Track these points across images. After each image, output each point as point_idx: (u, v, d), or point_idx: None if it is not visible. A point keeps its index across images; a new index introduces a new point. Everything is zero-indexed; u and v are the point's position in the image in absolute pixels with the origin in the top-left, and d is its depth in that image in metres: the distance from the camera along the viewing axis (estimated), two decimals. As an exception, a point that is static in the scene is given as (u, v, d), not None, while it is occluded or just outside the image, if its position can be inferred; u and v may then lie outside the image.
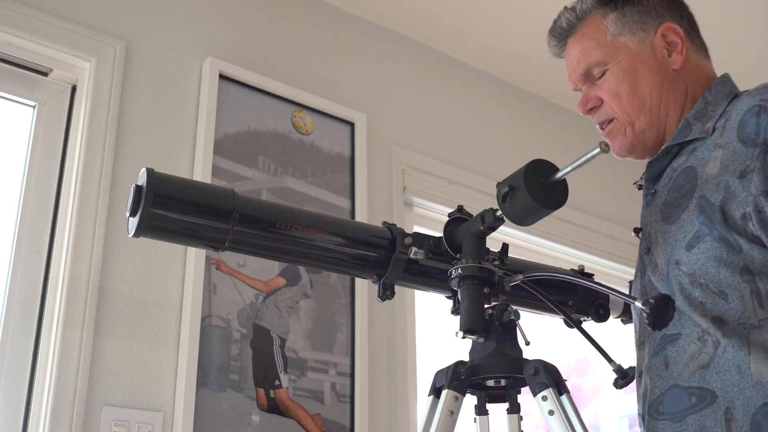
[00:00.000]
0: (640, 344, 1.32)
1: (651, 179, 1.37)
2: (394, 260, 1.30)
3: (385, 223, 1.35)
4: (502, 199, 1.20)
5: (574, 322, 1.39)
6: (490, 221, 1.25)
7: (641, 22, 1.39)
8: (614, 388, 1.40)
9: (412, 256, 1.29)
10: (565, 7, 1.45)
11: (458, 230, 1.31)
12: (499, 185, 1.21)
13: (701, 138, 1.29)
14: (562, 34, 1.44)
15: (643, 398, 1.28)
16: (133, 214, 1.18)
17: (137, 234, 1.19)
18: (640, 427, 1.29)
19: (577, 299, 1.48)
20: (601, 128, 1.42)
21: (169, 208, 1.19)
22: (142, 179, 1.19)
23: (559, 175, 1.18)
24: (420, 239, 1.32)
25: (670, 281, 1.25)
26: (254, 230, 1.24)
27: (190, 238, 1.25)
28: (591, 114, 1.42)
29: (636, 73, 1.36)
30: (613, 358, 1.40)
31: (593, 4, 1.41)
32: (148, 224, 1.18)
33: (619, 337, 2.78)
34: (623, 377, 1.31)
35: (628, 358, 1.39)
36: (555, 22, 1.45)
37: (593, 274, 1.48)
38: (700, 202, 1.23)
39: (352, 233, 1.33)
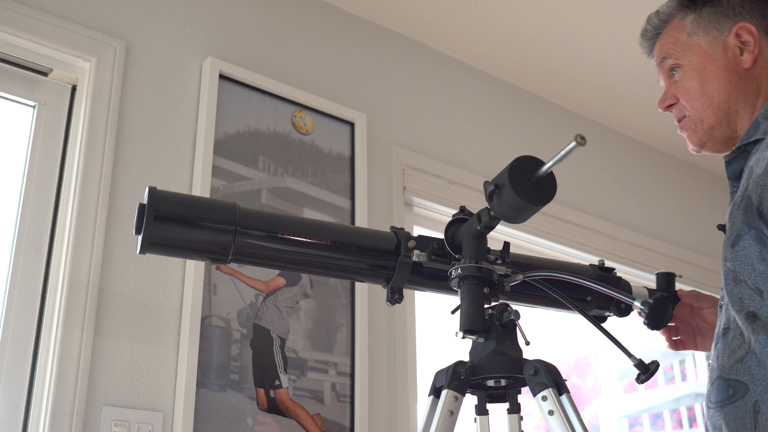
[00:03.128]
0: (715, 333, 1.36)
1: (732, 177, 1.40)
2: (399, 264, 1.31)
3: (392, 227, 1.36)
4: (489, 197, 1.20)
5: (590, 319, 1.38)
6: (486, 220, 1.25)
7: (716, 22, 1.45)
8: (636, 383, 1.39)
9: (414, 258, 1.30)
10: (654, 12, 1.55)
11: (459, 231, 1.31)
12: (486, 184, 1.21)
13: (762, 138, 1.32)
14: (651, 38, 1.54)
15: (707, 385, 1.32)
16: (138, 231, 1.22)
17: (143, 251, 1.23)
18: None
19: (595, 295, 1.48)
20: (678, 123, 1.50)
21: (171, 225, 1.22)
22: (145, 198, 1.21)
23: (542, 170, 1.19)
24: (424, 242, 1.33)
25: (722, 276, 1.29)
26: (257, 242, 1.26)
27: (195, 252, 1.28)
28: (670, 110, 1.50)
29: (705, 71, 1.42)
30: (632, 353, 1.38)
31: (676, 7, 1.50)
32: (151, 241, 1.21)
33: (627, 331, 2.76)
34: (645, 371, 1.30)
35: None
36: (644, 25, 1.55)
37: (614, 269, 1.49)
38: (746, 201, 1.26)
39: (357, 240, 1.33)
